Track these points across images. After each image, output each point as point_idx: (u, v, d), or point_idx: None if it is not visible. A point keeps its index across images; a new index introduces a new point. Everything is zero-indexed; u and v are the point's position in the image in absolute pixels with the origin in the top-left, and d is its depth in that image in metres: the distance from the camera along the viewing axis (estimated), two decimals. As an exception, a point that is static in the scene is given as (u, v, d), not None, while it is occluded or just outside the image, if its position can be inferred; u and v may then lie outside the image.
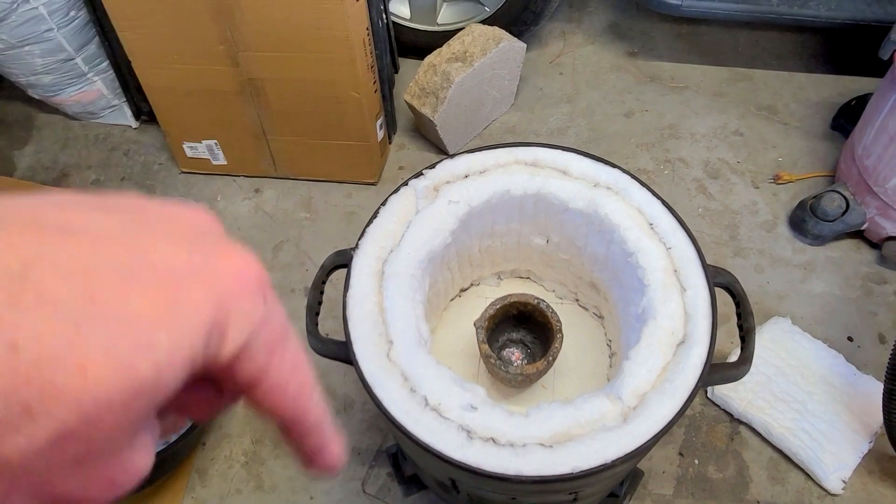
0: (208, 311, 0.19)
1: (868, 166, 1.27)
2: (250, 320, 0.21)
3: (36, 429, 0.16)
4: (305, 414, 0.24)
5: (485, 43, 1.43)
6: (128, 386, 0.17)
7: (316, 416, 0.25)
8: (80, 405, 0.16)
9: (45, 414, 0.16)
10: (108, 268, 0.18)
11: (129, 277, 0.18)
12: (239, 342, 0.20)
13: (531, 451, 0.64)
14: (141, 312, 0.18)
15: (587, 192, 0.83)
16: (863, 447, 1.07)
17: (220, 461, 1.13)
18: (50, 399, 0.16)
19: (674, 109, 1.64)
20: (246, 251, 0.22)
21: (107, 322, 0.17)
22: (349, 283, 0.76)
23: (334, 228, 1.43)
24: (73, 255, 0.17)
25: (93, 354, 0.16)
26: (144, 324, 0.18)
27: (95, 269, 0.17)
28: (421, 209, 0.81)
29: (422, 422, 0.66)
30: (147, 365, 0.17)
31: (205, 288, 0.19)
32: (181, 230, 0.21)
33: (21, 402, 0.16)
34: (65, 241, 0.18)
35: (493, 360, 0.85)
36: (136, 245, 0.19)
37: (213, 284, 0.20)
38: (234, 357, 0.21)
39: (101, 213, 0.19)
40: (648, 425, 0.65)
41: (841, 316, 1.27)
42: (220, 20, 1.20)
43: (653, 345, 0.71)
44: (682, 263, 0.76)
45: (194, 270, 0.19)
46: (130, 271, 0.18)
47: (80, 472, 0.18)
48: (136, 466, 0.19)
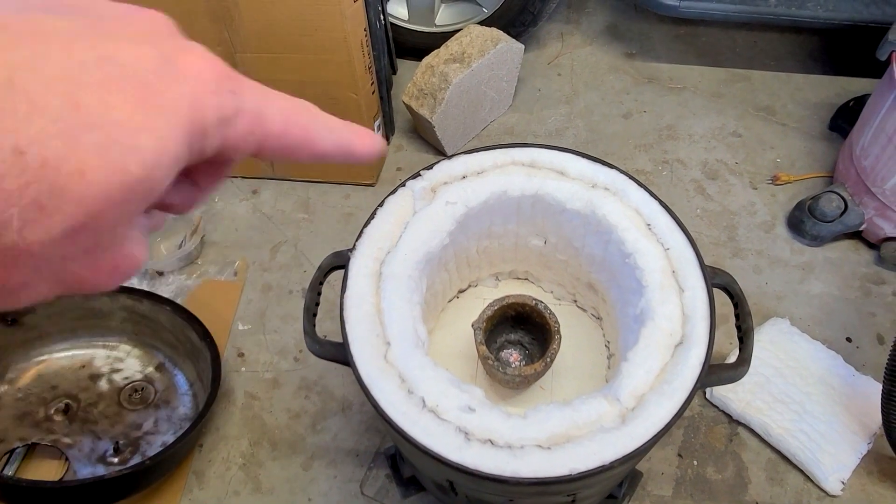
0: (185, 111, 0.20)
1: (866, 167, 1.27)
2: (225, 114, 0.22)
3: (51, 222, 0.18)
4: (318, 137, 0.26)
5: (483, 44, 1.43)
6: (122, 185, 0.19)
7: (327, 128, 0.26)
8: (84, 203, 0.18)
9: (56, 209, 0.18)
10: (84, 74, 0.19)
11: (106, 83, 0.19)
12: (218, 137, 0.22)
13: (529, 453, 0.64)
14: (123, 118, 0.19)
15: (585, 193, 0.82)
16: (861, 448, 1.07)
17: (218, 463, 1.12)
18: (58, 197, 0.18)
19: (672, 110, 1.64)
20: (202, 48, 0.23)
21: (94, 128, 0.18)
22: (346, 285, 0.75)
23: (332, 229, 1.43)
24: (52, 61, 0.18)
25: (88, 158, 0.18)
26: (128, 128, 0.19)
27: (74, 76, 0.18)
28: (418, 210, 0.81)
29: (419, 423, 0.66)
30: (136, 165, 0.19)
31: (176, 89, 0.20)
32: (140, 30, 0.22)
33: (34, 199, 0.18)
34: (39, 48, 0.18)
35: (492, 361, 0.84)
36: (104, 48, 0.19)
37: (183, 85, 0.21)
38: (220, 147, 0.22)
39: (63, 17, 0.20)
40: (647, 427, 0.65)
41: (839, 316, 1.27)
42: (217, 21, 1.20)
43: (651, 346, 0.71)
44: (680, 264, 0.76)
45: (163, 73, 0.20)
46: (105, 76, 0.19)
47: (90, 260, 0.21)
48: (135, 256, 0.22)
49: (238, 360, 1.24)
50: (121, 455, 1.07)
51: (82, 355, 1.18)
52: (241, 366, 1.23)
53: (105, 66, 0.19)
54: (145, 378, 1.17)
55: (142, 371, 1.18)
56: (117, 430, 1.10)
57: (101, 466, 1.06)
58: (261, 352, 1.25)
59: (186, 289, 1.32)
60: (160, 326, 1.16)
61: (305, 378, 1.21)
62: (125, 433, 1.10)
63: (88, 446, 1.08)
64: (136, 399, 1.14)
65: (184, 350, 1.17)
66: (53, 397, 1.12)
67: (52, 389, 1.13)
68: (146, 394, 1.15)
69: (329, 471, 1.11)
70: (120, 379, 1.16)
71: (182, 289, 1.32)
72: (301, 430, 1.15)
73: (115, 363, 1.18)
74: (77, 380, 1.15)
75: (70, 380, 1.15)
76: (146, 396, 1.15)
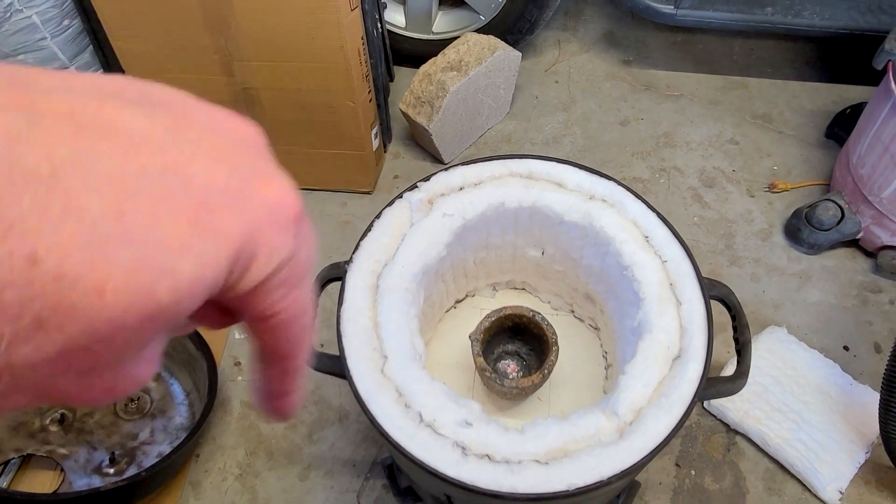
0: (237, 240, 0.18)
1: (863, 176, 1.27)
2: (278, 255, 0.20)
3: (45, 341, 0.16)
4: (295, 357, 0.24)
5: (480, 52, 1.43)
6: (144, 311, 0.17)
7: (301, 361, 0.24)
8: (92, 325, 0.16)
9: (56, 329, 0.16)
10: (142, 181, 0.17)
11: (162, 195, 0.17)
12: (261, 276, 0.20)
13: (526, 468, 0.63)
14: (168, 235, 0.17)
15: (582, 205, 0.82)
16: (859, 457, 1.07)
17: (214, 473, 1.12)
18: (63, 316, 0.15)
19: (669, 118, 1.65)
20: (285, 179, 0.21)
21: (132, 243, 0.16)
22: (343, 298, 0.75)
23: (329, 237, 1.43)
24: (108, 162, 0.16)
25: (113, 277, 0.16)
26: (171, 248, 0.17)
27: (128, 182, 0.16)
28: (415, 222, 0.81)
29: (416, 438, 0.65)
30: (166, 291, 0.17)
31: (238, 215, 0.18)
32: (224, 144, 0.20)
33: (34, 314, 0.15)
34: (100, 145, 0.16)
35: (489, 373, 0.84)
36: (175, 158, 0.18)
37: (247, 213, 0.19)
38: (253, 289, 0.20)
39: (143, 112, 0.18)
40: (645, 441, 0.65)
41: (836, 325, 1.27)
42: (214, 30, 1.20)
43: (648, 359, 0.71)
44: (677, 277, 0.76)
45: (230, 194, 0.18)
46: (164, 188, 0.17)
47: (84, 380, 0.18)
48: (138, 377, 0.20)
49: (234, 368, 1.24)
50: (117, 466, 1.07)
51: (78, 365, 1.17)
52: (237, 375, 1.23)
53: (168, 177, 0.17)
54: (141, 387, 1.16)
55: (138, 381, 1.17)
56: (113, 441, 1.10)
57: (96, 477, 1.05)
58: (257, 361, 1.24)
59: (183, 297, 1.31)
60: (156, 336, 1.16)
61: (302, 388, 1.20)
62: (121, 443, 1.10)
63: (84, 457, 1.07)
64: (132, 409, 1.14)
65: (180, 359, 1.16)
66: (49, 407, 1.12)
67: (47, 399, 1.13)
68: (142, 403, 1.14)
69: (326, 481, 1.11)
70: (116, 389, 1.16)
71: (178, 297, 1.31)
72: (297, 439, 1.15)
73: (110, 373, 1.17)
74: (72, 390, 1.14)
75: (65, 390, 1.14)
76: (142, 406, 1.14)
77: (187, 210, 0.17)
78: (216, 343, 1.23)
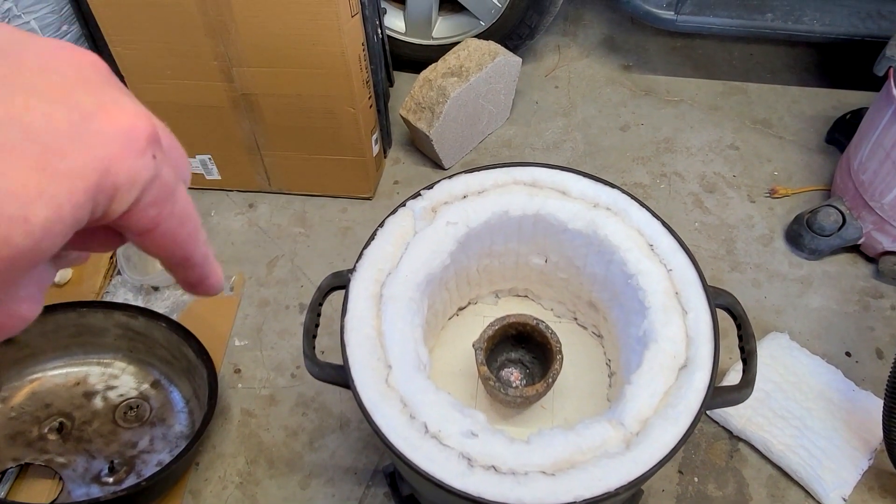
0: (93, 176, 0.19)
1: (864, 181, 1.27)
2: (141, 179, 0.20)
3: None
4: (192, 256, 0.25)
5: (480, 57, 1.43)
6: (4, 256, 0.18)
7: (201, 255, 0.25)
8: None
9: None
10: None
11: (4, 147, 0.17)
12: (129, 201, 0.21)
13: (533, 480, 0.63)
14: (15, 185, 0.17)
15: (586, 213, 0.82)
16: (862, 464, 1.07)
17: (215, 482, 1.11)
18: None
19: (669, 123, 1.65)
20: (133, 103, 0.21)
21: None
22: (347, 308, 0.74)
23: (329, 244, 1.42)
24: None
25: None
26: (19, 196, 0.17)
27: None
28: (419, 231, 0.81)
29: (421, 449, 0.65)
30: (22, 237, 0.18)
31: (88, 152, 0.19)
32: (61, 82, 0.20)
33: None
34: None
35: (493, 382, 0.84)
36: (10, 106, 0.18)
37: (97, 147, 0.19)
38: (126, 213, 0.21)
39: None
40: (651, 452, 0.64)
41: (838, 331, 1.27)
42: (213, 35, 1.19)
43: (654, 368, 0.70)
44: (683, 286, 0.75)
45: (75, 133, 0.19)
46: (5, 139, 0.18)
47: None
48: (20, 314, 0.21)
49: (234, 376, 1.23)
50: (116, 475, 1.06)
51: (76, 373, 1.16)
52: (237, 382, 1.22)
53: (6, 129, 0.18)
54: (140, 395, 1.15)
55: (137, 388, 1.16)
56: (112, 449, 1.09)
57: (95, 487, 1.04)
58: (257, 368, 1.24)
59: (182, 304, 1.30)
60: (155, 343, 1.15)
61: (303, 395, 1.20)
62: (120, 452, 1.09)
63: (83, 466, 1.06)
64: (131, 417, 1.13)
65: (179, 367, 1.15)
66: (47, 416, 1.11)
67: (45, 408, 1.12)
68: (141, 411, 1.14)
69: (327, 489, 1.10)
70: (115, 396, 1.15)
71: (178, 304, 1.30)
72: (298, 447, 1.14)
73: (109, 380, 1.16)
74: (71, 398, 1.14)
75: (64, 398, 1.13)
76: (141, 414, 1.13)
77: (31, 158, 0.18)
78: (216, 350, 1.22)
